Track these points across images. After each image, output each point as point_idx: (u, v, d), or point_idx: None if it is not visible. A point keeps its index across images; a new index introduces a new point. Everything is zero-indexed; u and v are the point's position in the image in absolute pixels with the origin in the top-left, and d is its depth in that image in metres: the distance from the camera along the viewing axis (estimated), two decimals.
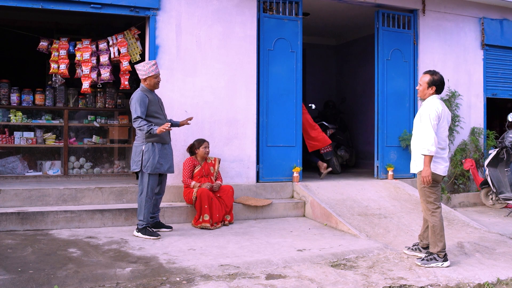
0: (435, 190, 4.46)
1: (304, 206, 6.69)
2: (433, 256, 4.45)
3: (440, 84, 4.55)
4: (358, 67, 10.35)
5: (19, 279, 3.77)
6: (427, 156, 4.33)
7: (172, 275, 4.01)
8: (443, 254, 4.45)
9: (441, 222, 4.46)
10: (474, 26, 8.43)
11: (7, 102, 6.79)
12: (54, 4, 5.93)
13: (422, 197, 4.54)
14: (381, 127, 7.74)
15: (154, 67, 5.29)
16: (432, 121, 4.36)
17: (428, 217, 4.50)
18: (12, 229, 5.30)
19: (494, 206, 7.70)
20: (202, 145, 6.05)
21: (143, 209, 5.20)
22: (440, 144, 4.44)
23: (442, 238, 4.44)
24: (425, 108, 4.46)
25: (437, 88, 4.53)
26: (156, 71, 5.29)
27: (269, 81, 7.01)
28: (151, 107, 5.21)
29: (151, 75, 5.26)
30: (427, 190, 4.47)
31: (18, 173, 6.69)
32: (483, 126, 8.51)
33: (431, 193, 4.47)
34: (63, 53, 6.50)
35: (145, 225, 5.22)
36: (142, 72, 5.26)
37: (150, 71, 5.25)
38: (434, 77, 4.53)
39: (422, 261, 4.47)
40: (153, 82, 5.29)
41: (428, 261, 4.45)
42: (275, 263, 4.43)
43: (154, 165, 5.18)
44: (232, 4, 6.73)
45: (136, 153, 5.26)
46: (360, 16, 8.78)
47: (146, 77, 5.26)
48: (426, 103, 4.53)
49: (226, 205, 5.99)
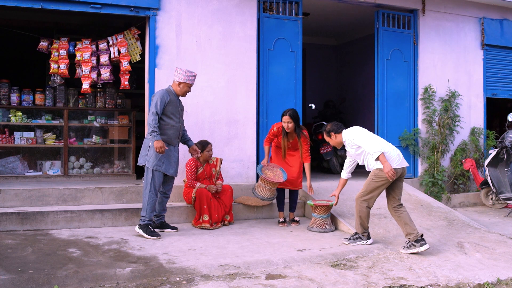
0: (380, 185, 4.94)
1: (304, 206, 6.68)
2: (358, 236, 5.09)
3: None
4: (358, 67, 10.35)
5: (19, 279, 3.77)
6: (381, 154, 4.82)
7: (172, 275, 4.01)
8: (367, 234, 5.12)
9: (367, 210, 5.04)
10: (474, 26, 8.43)
11: (7, 102, 6.79)
12: (54, 4, 5.93)
13: (366, 189, 5.00)
14: (381, 127, 7.74)
15: (193, 78, 5.41)
16: (367, 137, 4.98)
17: (359, 205, 5.03)
18: (12, 229, 5.30)
19: (494, 206, 7.71)
20: (206, 149, 5.97)
21: (145, 205, 5.22)
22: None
23: (365, 223, 5.07)
24: (353, 138, 5.04)
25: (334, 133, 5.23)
26: (193, 82, 5.43)
27: (269, 81, 7.01)
28: (169, 107, 5.26)
29: (188, 83, 5.36)
30: (375, 184, 4.94)
31: (18, 173, 6.69)
32: (483, 126, 8.51)
33: (376, 189, 4.96)
34: (63, 53, 6.51)
35: (147, 222, 5.21)
36: (182, 76, 5.32)
37: (189, 79, 5.36)
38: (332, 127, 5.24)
39: (349, 240, 5.09)
40: (184, 89, 5.39)
41: (354, 240, 5.08)
42: (275, 263, 4.43)
43: (155, 162, 5.20)
44: (232, 4, 6.73)
45: (144, 147, 5.33)
46: (360, 16, 8.79)
47: (182, 81, 5.33)
48: (348, 136, 5.11)
49: (225, 205, 5.98)
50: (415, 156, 7.95)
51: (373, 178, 4.97)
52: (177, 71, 5.38)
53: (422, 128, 7.96)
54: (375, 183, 4.95)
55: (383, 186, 4.94)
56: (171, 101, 5.28)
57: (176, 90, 5.37)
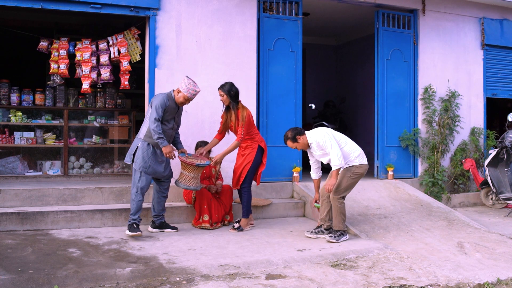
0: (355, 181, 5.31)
1: (304, 206, 6.69)
2: (341, 233, 5.27)
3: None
4: (358, 67, 10.35)
5: (19, 279, 3.77)
6: (336, 170, 5.18)
7: (172, 275, 4.01)
8: (346, 230, 5.37)
9: (344, 205, 5.31)
10: (474, 26, 8.43)
11: (7, 102, 6.79)
12: (54, 4, 5.93)
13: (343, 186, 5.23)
14: (381, 127, 7.74)
15: (193, 92, 5.28)
16: (332, 144, 5.16)
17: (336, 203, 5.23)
18: (12, 229, 5.30)
19: (494, 206, 7.70)
20: (197, 150, 5.97)
21: (131, 204, 5.21)
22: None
23: (345, 218, 5.34)
24: (319, 142, 5.21)
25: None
26: (191, 96, 5.30)
27: (269, 81, 7.01)
28: (166, 113, 5.24)
29: (185, 94, 5.26)
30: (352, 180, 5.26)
31: (18, 173, 6.69)
32: (483, 126, 8.51)
33: (351, 185, 5.28)
34: (63, 53, 6.50)
35: (131, 222, 5.16)
36: (183, 86, 5.25)
37: (188, 92, 5.25)
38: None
39: (336, 238, 5.21)
40: (180, 100, 5.30)
41: (339, 237, 5.24)
42: (275, 263, 4.43)
43: (141, 164, 5.19)
44: (232, 4, 6.73)
45: (132, 146, 5.34)
46: (360, 16, 8.78)
47: (181, 91, 5.26)
48: (313, 139, 5.26)
49: (225, 205, 5.98)
50: (415, 156, 7.95)
51: (350, 176, 5.23)
52: (183, 79, 5.31)
53: (422, 128, 7.96)
54: (352, 180, 5.26)
55: (357, 181, 5.34)
56: (169, 107, 5.25)
57: (175, 96, 5.32)
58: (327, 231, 5.40)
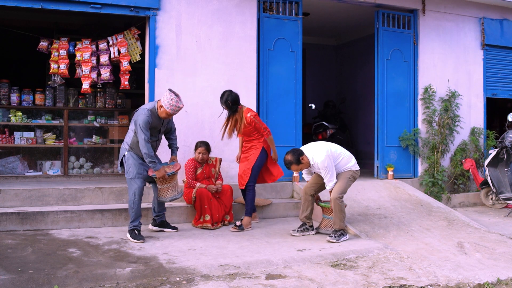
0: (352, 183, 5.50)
1: None
2: (341, 232, 5.30)
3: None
4: (358, 67, 10.35)
5: (19, 279, 3.77)
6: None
7: (172, 275, 4.01)
8: (345, 230, 5.41)
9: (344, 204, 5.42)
10: (474, 26, 8.43)
11: (7, 102, 6.79)
12: (54, 4, 5.93)
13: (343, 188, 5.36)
14: (381, 127, 7.74)
15: (175, 109, 5.04)
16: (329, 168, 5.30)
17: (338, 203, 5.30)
18: (12, 229, 5.30)
19: (494, 206, 7.71)
20: (197, 150, 5.96)
21: (130, 212, 5.16)
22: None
23: (345, 217, 5.41)
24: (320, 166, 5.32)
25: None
26: (173, 112, 5.09)
27: (269, 81, 7.01)
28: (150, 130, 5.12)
29: (167, 110, 5.06)
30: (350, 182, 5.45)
31: (18, 173, 6.69)
32: (483, 126, 8.51)
33: (349, 186, 5.46)
34: (63, 53, 6.50)
35: (132, 228, 5.13)
36: (165, 101, 5.01)
37: (170, 108, 5.02)
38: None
39: (336, 238, 5.24)
40: (164, 114, 5.10)
41: (339, 237, 5.26)
42: (275, 263, 4.43)
43: (134, 172, 5.14)
44: (232, 4, 6.73)
45: (120, 152, 5.32)
46: (360, 16, 8.79)
47: (163, 106, 5.06)
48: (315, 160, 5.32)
49: (226, 205, 5.98)
50: (415, 156, 7.95)
51: (349, 178, 5.44)
52: (165, 94, 5.05)
53: (422, 128, 7.96)
54: (350, 182, 5.48)
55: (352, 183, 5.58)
56: (153, 123, 5.13)
57: (158, 111, 5.14)
58: (311, 228, 5.60)
